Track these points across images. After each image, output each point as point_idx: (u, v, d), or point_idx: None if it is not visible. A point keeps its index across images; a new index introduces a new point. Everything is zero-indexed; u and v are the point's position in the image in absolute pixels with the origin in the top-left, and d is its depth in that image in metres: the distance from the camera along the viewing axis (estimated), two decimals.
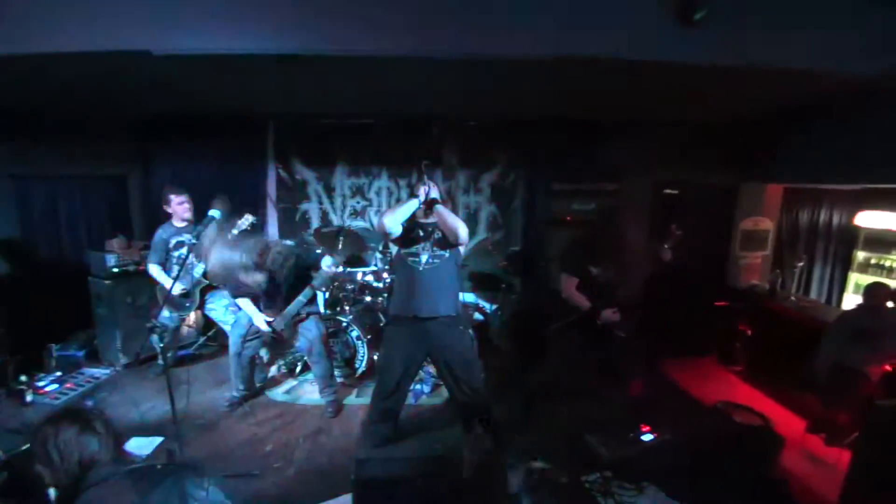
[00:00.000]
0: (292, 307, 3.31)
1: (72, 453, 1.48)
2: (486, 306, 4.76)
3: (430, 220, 2.83)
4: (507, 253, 5.23)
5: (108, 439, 1.57)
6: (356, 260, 4.67)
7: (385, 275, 4.48)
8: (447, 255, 2.85)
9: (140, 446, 3.01)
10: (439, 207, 2.73)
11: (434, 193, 2.75)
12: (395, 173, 5.25)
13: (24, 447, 1.98)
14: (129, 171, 5.02)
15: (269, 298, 3.33)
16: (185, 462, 1.58)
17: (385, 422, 2.94)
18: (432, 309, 2.79)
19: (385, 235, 2.81)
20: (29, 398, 3.58)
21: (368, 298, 4.40)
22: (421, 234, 2.84)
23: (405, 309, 2.83)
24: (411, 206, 2.72)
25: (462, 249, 2.91)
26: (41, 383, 3.80)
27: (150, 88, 3.37)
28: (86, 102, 3.91)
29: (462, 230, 2.74)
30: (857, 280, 4.82)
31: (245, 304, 3.38)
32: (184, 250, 3.78)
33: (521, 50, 2.34)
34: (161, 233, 3.87)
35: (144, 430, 3.19)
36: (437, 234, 2.84)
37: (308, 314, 3.46)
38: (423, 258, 2.81)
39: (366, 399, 3.82)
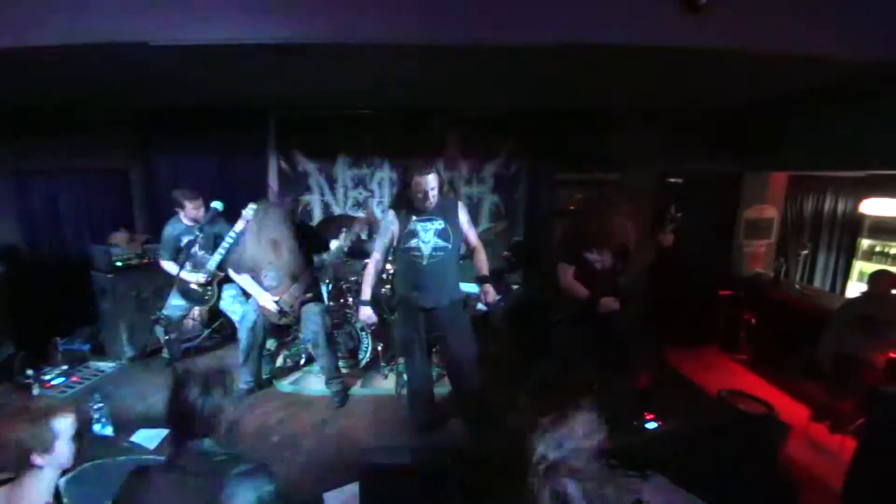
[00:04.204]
0: (298, 285, 3.32)
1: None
2: None
3: (431, 213, 2.84)
4: (511, 243, 5.22)
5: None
6: (359, 251, 4.66)
7: (389, 266, 4.48)
8: (449, 246, 2.87)
9: (147, 438, 3.04)
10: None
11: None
12: (396, 164, 5.23)
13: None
14: (130, 165, 5.00)
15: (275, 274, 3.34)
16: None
17: (421, 406, 3.12)
18: (437, 300, 2.88)
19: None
20: (35, 391, 3.60)
21: None
22: (421, 229, 2.85)
23: (410, 299, 2.93)
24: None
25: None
26: (47, 377, 3.83)
27: (150, 81, 3.34)
28: (85, 96, 3.87)
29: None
30: (862, 268, 4.80)
31: (247, 283, 3.39)
32: (196, 248, 3.76)
33: (523, 38, 2.30)
34: (170, 229, 3.82)
35: (152, 422, 3.21)
36: (439, 227, 2.84)
37: (312, 300, 3.46)
38: (426, 251, 2.83)
39: (370, 389, 3.86)
